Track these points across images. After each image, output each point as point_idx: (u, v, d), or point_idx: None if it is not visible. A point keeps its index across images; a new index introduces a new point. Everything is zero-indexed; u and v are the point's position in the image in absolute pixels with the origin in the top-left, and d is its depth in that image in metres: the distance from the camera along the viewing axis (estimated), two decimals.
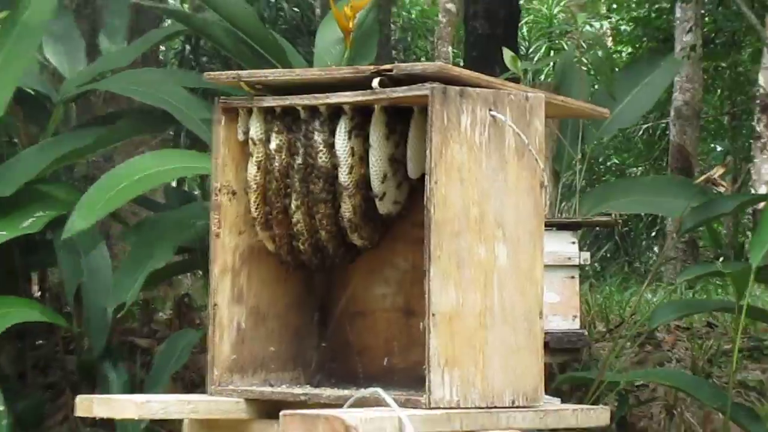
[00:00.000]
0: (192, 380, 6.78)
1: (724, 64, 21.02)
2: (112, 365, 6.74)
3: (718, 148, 22.40)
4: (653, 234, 18.75)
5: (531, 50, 20.33)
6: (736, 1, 12.46)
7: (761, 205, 7.98)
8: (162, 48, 12.13)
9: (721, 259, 13.52)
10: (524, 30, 18.94)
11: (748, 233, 12.85)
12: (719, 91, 21.74)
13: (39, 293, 7.55)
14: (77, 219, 5.78)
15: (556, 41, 21.14)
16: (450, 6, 19.67)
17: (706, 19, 18.02)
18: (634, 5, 22.46)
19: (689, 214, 6.86)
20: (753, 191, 14.20)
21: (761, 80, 17.77)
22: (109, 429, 6.76)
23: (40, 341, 7.31)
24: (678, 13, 18.61)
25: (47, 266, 7.25)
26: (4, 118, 6.44)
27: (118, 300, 6.26)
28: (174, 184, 9.17)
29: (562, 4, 23.01)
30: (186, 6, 8.05)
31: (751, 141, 19.00)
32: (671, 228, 16.47)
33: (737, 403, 6.62)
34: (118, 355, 6.80)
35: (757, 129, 18.00)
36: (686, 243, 15.79)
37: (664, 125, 18.83)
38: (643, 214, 17.21)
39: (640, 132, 20.17)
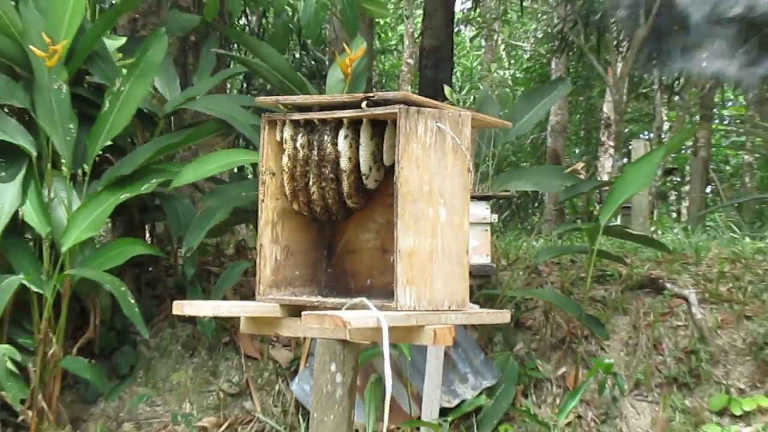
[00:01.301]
0: (245, 294, 6.75)
1: (581, 98, 21.16)
2: (196, 283, 6.72)
3: (577, 151, 22.60)
4: (537, 204, 18.90)
5: (460, 88, 20.45)
6: (589, 57, 12.41)
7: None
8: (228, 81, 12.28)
9: (578, 220, 13.53)
10: (457, 75, 19.06)
11: (596, 204, 13.03)
12: (578, 115, 21.97)
13: (150, 239, 7.52)
14: (183, 176, 6.00)
15: (476, 83, 21.37)
16: (410, 60, 19.77)
17: (570, 69, 18.05)
18: (524, 61, 22.75)
19: (560, 192, 6.98)
20: (599, 179, 14.39)
21: (605, 108, 18.12)
22: (192, 323, 6.75)
23: (150, 268, 7.28)
24: (553, 65, 18.78)
25: (155, 221, 7.21)
26: (128, 127, 6.41)
27: (191, 243, 6.28)
28: (235, 169, 9.08)
29: (478, 60, 23.27)
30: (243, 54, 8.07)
31: (598, 147, 19.34)
32: (548, 201, 16.52)
33: (588, 313, 6.61)
34: (199, 277, 6.78)
35: (602, 139, 18.59)
36: (557, 210, 15.91)
37: (543, 136, 18.95)
38: (530, 191, 17.21)
39: (529, 140, 20.35)
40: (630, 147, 13.00)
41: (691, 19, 10.29)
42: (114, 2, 7.27)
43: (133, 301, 5.93)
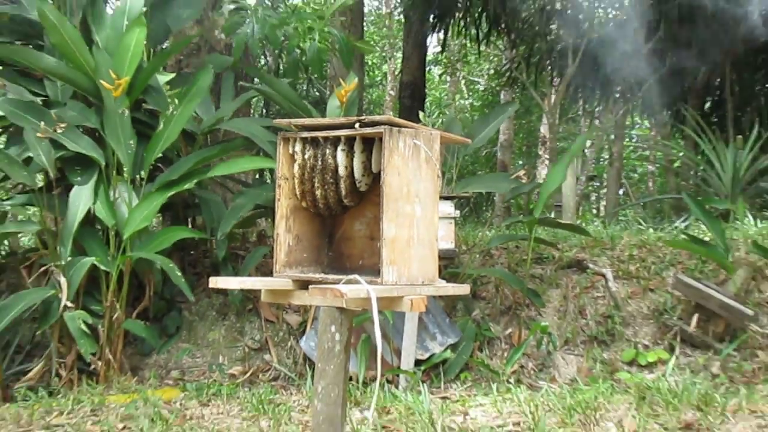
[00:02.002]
0: (265, 272, 6.73)
1: (523, 121, 21.11)
2: (227, 263, 6.71)
3: (521, 162, 22.49)
4: (489, 203, 18.83)
5: (431, 114, 20.34)
6: (530, 90, 12.40)
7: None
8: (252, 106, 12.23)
9: (521, 215, 13.49)
10: (428, 103, 19.00)
11: (535, 202, 13.15)
12: (521, 134, 21.85)
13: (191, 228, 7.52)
14: (216, 170, 6.39)
15: (443, 109, 21.28)
16: (392, 92, 19.64)
17: (515, 98, 18.00)
18: (480, 93, 22.55)
19: (507, 193, 7.03)
20: (537, 182, 14.45)
21: (542, 129, 18.12)
22: (224, 294, 6.74)
23: (192, 252, 7.27)
24: (502, 96, 18.70)
25: (195, 216, 7.19)
26: (175, 143, 6.41)
27: (223, 231, 6.29)
28: (257, 175, 9.06)
29: (445, 92, 23.10)
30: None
31: (537, 159, 19.33)
32: (498, 200, 16.47)
33: (529, 287, 6.61)
34: (229, 259, 6.77)
35: (539, 153, 18.58)
36: (505, 207, 15.85)
37: (495, 150, 18.87)
38: (484, 192, 17.14)
39: (483, 153, 20.22)
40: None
41: (606, 63, 10.33)
42: (164, 47, 7.22)
43: (179, 274, 5.96)
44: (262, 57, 8.11)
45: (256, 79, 7.71)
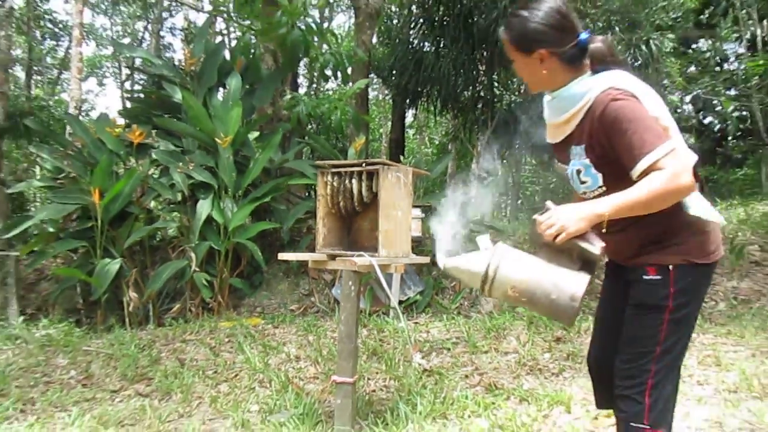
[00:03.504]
0: (311, 249, 6.71)
1: (462, 161, 20.91)
2: (290, 244, 6.69)
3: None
4: None
5: (407, 156, 20.34)
6: (465, 142, 12.32)
7: None
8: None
9: None
10: (405, 151, 18.95)
11: None
12: (460, 168, 21.61)
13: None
14: (291, 180, 5.78)
15: (414, 154, 21.11)
16: (385, 144, 19.52)
17: (457, 147, 17.80)
18: (436, 144, 22.21)
19: None
20: None
21: (473, 166, 17.72)
22: (287, 263, 6.70)
23: (269, 238, 7.23)
24: (450, 146, 18.35)
25: (270, 218, 7.14)
26: (259, 175, 6.39)
27: (287, 226, 6.29)
28: (307, 193, 9.02)
29: (416, 144, 22.78)
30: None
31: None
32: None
33: None
34: (291, 242, 6.75)
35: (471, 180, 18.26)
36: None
37: (445, 178, 18.68)
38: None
39: (438, 180, 20.03)
40: None
41: (509, 128, 10.34)
42: (252, 117, 7.20)
43: (260, 254, 5.96)
44: (309, 123, 8.06)
45: (305, 137, 7.70)
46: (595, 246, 1.81)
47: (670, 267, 1.86)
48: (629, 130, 1.73)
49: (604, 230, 1.81)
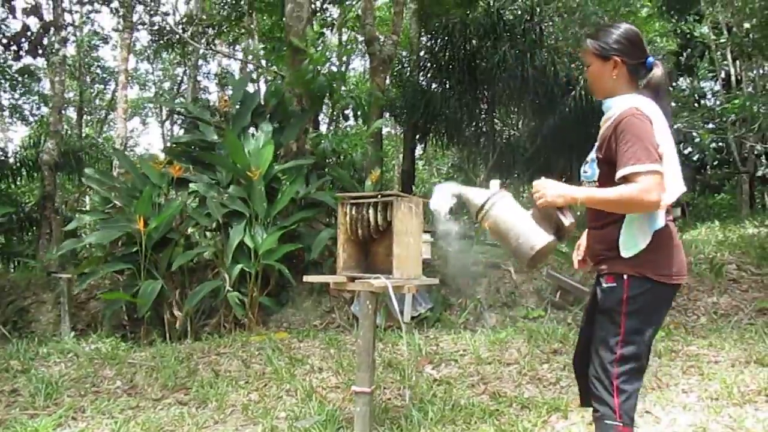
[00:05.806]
0: (333, 272, 6.71)
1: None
2: (314, 267, 6.71)
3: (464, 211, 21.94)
4: None
5: (418, 187, 20.28)
6: (470, 173, 12.28)
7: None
8: None
9: None
10: (416, 182, 18.89)
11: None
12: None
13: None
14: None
15: (425, 185, 21.08)
16: (397, 176, 19.52)
17: (462, 177, 17.75)
18: (444, 174, 22.09)
19: None
20: None
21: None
22: (311, 284, 6.71)
23: (294, 260, 7.23)
24: (455, 176, 18.31)
25: (297, 242, 7.16)
26: (287, 205, 6.45)
27: (314, 253, 6.32)
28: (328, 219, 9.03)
29: (427, 175, 22.65)
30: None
31: None
32: None
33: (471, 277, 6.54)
34: (315, 265, 6.75)
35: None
36: None
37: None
38: None
39: None
40: None
41: (506, 160, 10.35)
42: (280, 152, 7.27)
43: (287, 272, 5.98)
44: (330, 158, 8.12)
45: (326, 170, 7.77)
46: (567, 218, 2.04)
47: (625, 276, 1.98)
48: (629, 143, 1.91)
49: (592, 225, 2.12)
